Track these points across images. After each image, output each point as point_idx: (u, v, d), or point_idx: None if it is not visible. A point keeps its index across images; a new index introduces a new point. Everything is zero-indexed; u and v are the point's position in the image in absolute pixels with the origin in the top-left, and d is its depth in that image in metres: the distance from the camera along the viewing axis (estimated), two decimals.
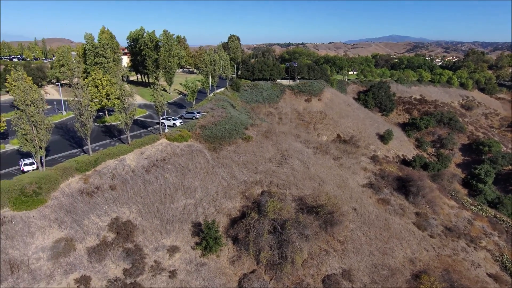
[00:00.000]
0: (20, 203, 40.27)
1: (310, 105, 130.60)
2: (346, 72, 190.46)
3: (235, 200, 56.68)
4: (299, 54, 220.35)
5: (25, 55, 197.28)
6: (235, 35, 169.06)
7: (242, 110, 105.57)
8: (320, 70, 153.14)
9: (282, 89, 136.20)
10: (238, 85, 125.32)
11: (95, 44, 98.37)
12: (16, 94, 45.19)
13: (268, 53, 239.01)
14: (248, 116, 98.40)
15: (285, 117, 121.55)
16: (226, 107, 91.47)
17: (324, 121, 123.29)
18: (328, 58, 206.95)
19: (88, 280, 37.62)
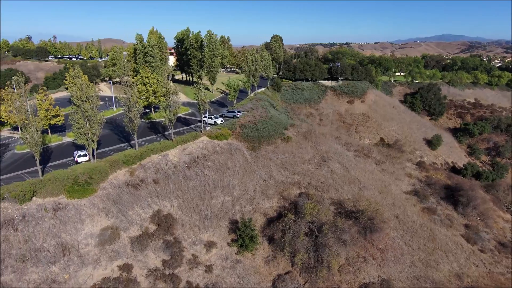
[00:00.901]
0: (73, 191, 43.47)
1: (352, 106, 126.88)
2: (392, 73, 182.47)
3: (272, 200, 56.63)
4: (342, 54, 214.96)
5: (83, 54, 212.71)
6: (277, 35, 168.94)
7: (282, 110, 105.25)
8: (365, 71, 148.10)
9: (323, 90, 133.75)
10: (279, 85, 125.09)
11: (144, 45, 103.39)
12: (73, 90, 48.85)
13: (311, 53, 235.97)
14: (288, 117, 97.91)
15: (326, 118, 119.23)
16: (266, 107, 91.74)
17: (367, 124, 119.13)
18: (374, 59, 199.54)
19: (130, 268, 39.63)
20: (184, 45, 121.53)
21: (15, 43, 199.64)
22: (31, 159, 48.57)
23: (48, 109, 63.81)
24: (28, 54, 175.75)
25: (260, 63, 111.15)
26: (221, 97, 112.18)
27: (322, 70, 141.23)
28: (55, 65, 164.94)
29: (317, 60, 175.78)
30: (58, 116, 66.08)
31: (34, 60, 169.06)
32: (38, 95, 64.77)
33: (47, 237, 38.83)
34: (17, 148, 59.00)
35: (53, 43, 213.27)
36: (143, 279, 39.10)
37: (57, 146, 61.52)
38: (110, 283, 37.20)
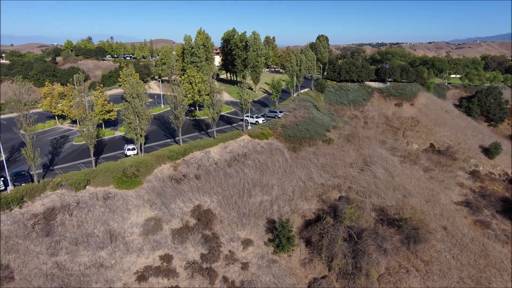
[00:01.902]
0: (122, 182, 46.32)
1: (400, 110, 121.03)
2: (446, 75, 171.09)
3: (311, 202, 55.87)
4: (392, 55, 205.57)
5: (136, 54, 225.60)
6: (323, 35, 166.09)
7: (325, 111, 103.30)
8: (415, 73, 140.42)
9: (370, 91, 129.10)
10: (322, 86, 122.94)
11: (192, 45, 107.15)
12: (125, 88, 52.05)
13: (358, 53, 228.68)
14: (331, 118, 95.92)
15: (371, 121, 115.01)
16: (309, 108, 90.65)
17: (415, 128, 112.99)
18: (426, 59, 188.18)
19: (171, 259, 41.34)
20: (229, 45, 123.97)
21: (78, 44, 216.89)
22: (87, 150, 52.50)
23: (103, 104, 68.52)
24: (88, 53, 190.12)
25: (304, 63, 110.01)
26: (264, 97, 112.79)
27: (369, 71, 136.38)
28: (111, 64, 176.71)
29: (364, 61, 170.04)
30: (112, 111, 70.71)
31: (93, 59, 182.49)
32: (95, 92, 69.81)
33: (97, 224, 41.80)
34: (75, 140, 64.12)
35: (110, 44, 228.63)
36: (182, 270, 40.59)
37: (109, 140, 65.94)
38: (151, 271, 39.11)
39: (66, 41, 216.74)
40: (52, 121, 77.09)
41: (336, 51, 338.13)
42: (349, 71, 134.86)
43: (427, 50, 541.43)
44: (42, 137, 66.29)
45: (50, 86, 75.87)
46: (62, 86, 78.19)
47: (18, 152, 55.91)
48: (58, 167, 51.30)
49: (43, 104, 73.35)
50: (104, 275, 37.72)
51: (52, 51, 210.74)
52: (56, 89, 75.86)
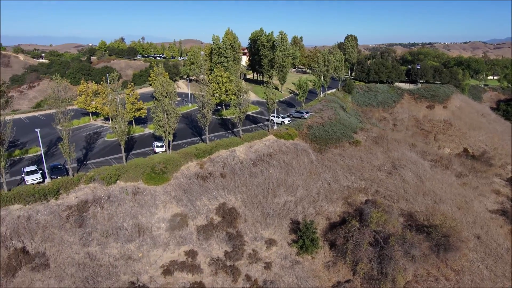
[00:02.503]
0: (150, 178, 47.72)
1: (432, 112, 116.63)
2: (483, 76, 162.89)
3: (336, 205, 55.05)
4: (424, 55, 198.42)
5: (165, 54, 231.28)
6: (352, 35, 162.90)
7: (353, 113, 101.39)
8: (449, 74, 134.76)
9: (400, 93, 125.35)
10: (350, 87, 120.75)
11: (220, 45, 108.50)
12: (156, 86, 53.59)
13: (388, 53, 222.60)
14: (358, 120, 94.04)
15: (401, 123, 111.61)
16: (335, 109, 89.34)
17: (448, 132, 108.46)
18: (461, 60, 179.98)
19: (195, 254, 42.14)
20: (256, 45, 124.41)
21: (111, 44, 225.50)
22: (118, 146, 54.51)
23: (134, 102, 70.86)
24: (121, 53, 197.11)
25: (332, 63, 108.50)
26: (290, 97, 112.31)
27: (399, 72, 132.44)
28: (142, 63, 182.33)
29: (394, 61, 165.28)
30: (142, 109, 72.97)
31: (125, 59, 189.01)
32: (127, 90, 72.35)
33: (126, 217, 43.34)
34: (107, 136, 66.75)
35: (141, 44, 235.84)
36: (206, 266, 41.26)
37: (139, 137, 68.10)
38: (176, 266, 40.04)
39: (100, 42, 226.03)
40: (86, 118, 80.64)
41: (365, 51, 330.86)
42: (378, 72, 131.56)
43: (462, 50, 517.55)
44: (77, 133, 69.50)
45: (85, 84, 79.41)
46: (96, 85, 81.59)
47: (55, 147, 58.96)
48: (91, 162, 53.63)
49: (78, 102, 76.88)
50: (132, 267, 39.05)
51: (87, 51, 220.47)
52: (90, 87, 79.28)
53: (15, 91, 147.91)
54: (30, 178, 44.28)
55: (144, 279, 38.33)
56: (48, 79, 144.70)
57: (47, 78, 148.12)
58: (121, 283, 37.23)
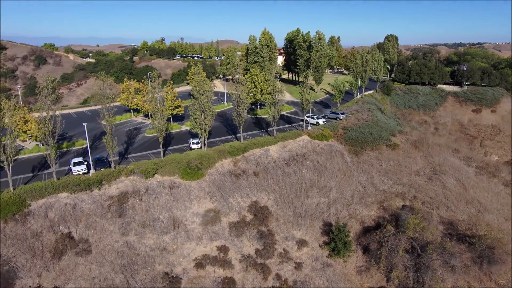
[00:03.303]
0: (186, 174, 49.20)
1: (479, 116, 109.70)
2: None
3: (371, 209, 53.49)
4: (471, 56, 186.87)
5: (203, 54, 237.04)
6: (393, 35, 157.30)
7: (391, 115, 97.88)
8: (499, 76, 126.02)
9: (443, 95, 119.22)
10: (389, 88, 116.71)
11: (256, 45, 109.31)
12: (193, 85, 55.13)
13: (431, 54, 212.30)
14: (397, 122, 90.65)
15: (443, 127, 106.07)
16: (373, 111, 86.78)
17: (496, 138, 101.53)
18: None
19: (227, 250, 42.84)
20: (292, 45, 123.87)
21: (152, 44, 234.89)
22: (156, 142, 56.70)
23: (172, 100, 73.33)
24: (161, 53, 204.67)
25: (370, 64, 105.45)
26: (326, 98, 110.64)
27: (442, 74, 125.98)
28: (181, 63, 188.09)
29: (437, 62, 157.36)
30: (180, 107, 75.35)
31: (164, 59, 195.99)
32: (166, 88, 75.05)
33: (162, 210, 45.01)
34: (147, 132, 69.66)
35: (181, 44, 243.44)
36: (236, 262, 41.82)
37: (176, 133, 70.40)
38: (208, 260, 40.94)
39: (142, 42, 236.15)
40: (128, 114, 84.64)
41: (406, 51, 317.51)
42: (420, 73, 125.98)
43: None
44: (119, 128, 73.15)
45: (127, 83, 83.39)
46: (137, 83, 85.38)
47: (99, 140, 62.49)
48: (131, 156, 56.27)
49: (121, 99, 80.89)
50: (166, 258, 40.50)
51: (130, 51, 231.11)
52: (132, 85, 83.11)
53: (65, 88, 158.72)
54: (77, 169, 47.40)
55: (177, 271, 39.59)
56: (94, 77, 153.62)
57: (93, 76, 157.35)
58: (156, 272, 38.73)
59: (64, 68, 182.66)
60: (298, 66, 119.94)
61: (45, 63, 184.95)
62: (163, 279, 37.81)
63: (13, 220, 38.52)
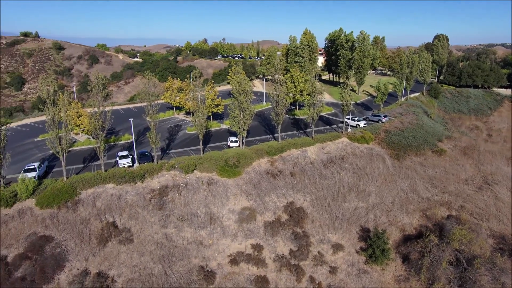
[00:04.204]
0: (223, 171, 50.14)
1: None
2: None
3: (413, 217, 51.02)
4: None
5: (244, 54, 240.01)
6: (443, 35, 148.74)
7: (438, 119, 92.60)
8: None
9: (498, 99, 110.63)
10: (437, 91, 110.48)
11: (297, 45, 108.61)
12: (233, 84, 56.02)
13: (486, 55, 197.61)
14: (444, 127, 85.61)
15: (497, 134, 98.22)
16: (418, 114, 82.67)
17: None
18: None
19: (261, 249, 43.05)
20: (334, 46, 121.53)
21: (195, 44, 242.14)
22: (196, 139, 58.34)
23: (213, 99, 75.06)
24: (203, 53, 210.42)
25: (417, 65, 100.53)
26: (367, 100, 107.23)
27: (499, 76, 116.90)
28: (222, 63, 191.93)
29: (493, 64, 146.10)
30: (220, 105, 76.94)
31: (206, 59, 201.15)
32: (207, 87, 76.95)
33: (200, 205, 46.25)
34: (188, 129, 71.96)
35: (222, 45, 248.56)
36: (270, 262, 41.88)
37: (215, 131, 71.97)
38: (243, 257, 41.40)
39: (186, 43, 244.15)
40: (170, 112, 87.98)
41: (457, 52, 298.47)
42: (472, 75, 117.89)
43: None
44: (162, 124, 76.26)
45: (171, 81, 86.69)
46: (180, 82, 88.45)
47: (143, 136, 65.57)
48: (172, 152, 58.44)
49: (165, 96, 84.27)
50: (202, 252, 41.57)
51: (174, 51, 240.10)
52: (175, 84, 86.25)
53: (114, 86, 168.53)
54: (123, 162, 50.17)
55: (212, 265, 40.49)
56: (141, 76, 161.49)
57: (140, 75, 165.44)
58: (192, 265, 39.89)
59: (114, 67, 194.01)
60: (339, 66, 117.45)
61: (98, 62, 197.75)
62: (198, 272, 38.86)
63: (65, 206, 41.62)
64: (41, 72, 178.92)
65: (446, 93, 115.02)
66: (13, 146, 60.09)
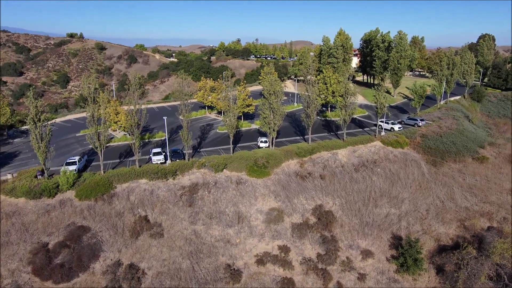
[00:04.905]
0: (252, 171, 50.38)
1: None
2: None
3: (449, 226, 48.47)
4: None
5: (276, 54, 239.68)
6: (489, 34, 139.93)
7: (481, 124, 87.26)
8: None
9: None
10: (480, 94, 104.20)
11: (330, 46, 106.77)
12: (264, 85, 56.12)
13: None
14: (487, 133, 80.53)
15: None
16: (458, 119, 78.37)
17: None
18: None
19: (288, 250, 42.78)
20: (369, 46, 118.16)
21: (229, 45, 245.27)
22: (227, 138, 59.06)
23: (244, 99, 75.61)
24: (236, 53, 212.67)
25: (458, 67, 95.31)
26: (403, 103, 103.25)
27: None
28: (254, 63, 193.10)
29: None
30: (251, 106, 77.35)
31: (239, 59, 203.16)
32: (239, 87, 77.68)
33: (228, 204, 46.79)
34: (219, 129, 73.04)
35: (255, 45, 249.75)
36: (297, 264, 41.51)
37: (246, 131, 72.47)
38: (269, 258, 41.38)
39: (219, 43, 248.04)
40: (202, 111, 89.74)
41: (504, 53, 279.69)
42: None
43: None
44: (194, 123, 77.96)
45: (204, 81, 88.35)
46: (213, 81, 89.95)
47: (176, 134, 67.38)
48: (203, 150, 59.58)
49: (197, 96, 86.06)
50: (229, 250, 42.02)
51: (208, 51, 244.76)
52: (208, 84, 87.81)
53: (150, 85, 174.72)
54: (156, 158, 51.88)
55: (239, 264, 40.80)
56: (176, 75, 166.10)
57: (175, 74, 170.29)
58: (219, 263, 40.45)
59: (151, 67, 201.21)
60: (374, 67, 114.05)
61: (136, 62, 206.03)
62: (225, 270, 39.32)
63: (102, 199, 43.73)
64: (84, 71, 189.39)
65: (490, 96, 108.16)
66: (57, 140, 64.02)
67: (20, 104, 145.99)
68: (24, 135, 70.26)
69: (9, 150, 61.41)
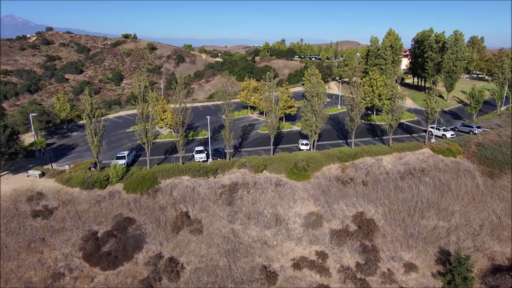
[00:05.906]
0: (292, 173, 49.96)
1: None
2: None
3: (506, 245, 44.36)
4: None
5: (321, 55, 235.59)
6: None
7: None
8: None
9: None
10: None
11: (378, 46, 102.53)
12: (307, 86, 55.32)
13: None
14: None
15: None
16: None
17: None
18: None
19: (326, 257, 41.85)
20: (422, 47, 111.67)
21: (273, 45, 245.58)
22: (267, 139, 59.15)
23: (286, 100, 75.19)
24: (280, 54, 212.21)
25: None
26: (458, 108, 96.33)
27: None
28: (298, 63, 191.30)
29: None
30: (293, 107, 76.70)
31: (283, 59, 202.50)
32: (282, 88, 77.42)
33: (267, 205, 46.84)
34: (260, 129, 73.40)
35: (300, 45, 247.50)
36: (334, 272, 40.47)
37: (287, 133, 72.08)
38: (306, 263, 40.80)
39: (264, 43, 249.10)
40: (245, 111, 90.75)
41: None
42: None
43: None
44: (236, 123, 79.03)
45: (247, 81, 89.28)
46: (256, 82, 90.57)
47: (218, 133, 68.84)
48: (244, 150, 60.20)
49: (240, 96, 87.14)
50: (266, 252, 42.07)
51: (253, 51, 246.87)
52: (251, 84, 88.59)
53: (196, 84, 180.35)
54: (198, 156, 53.38)
55: (275, 267, 40.70)
56: (220, 75, 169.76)
57: (220, 74, 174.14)
58: (255, 264, 40.66)
59: (197, 66, 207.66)
60: (426, 70, 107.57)
61: (183, 61, 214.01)
62: (261, 271, 39.43)
63: (147, 193, 45.92)
64: (136, 69, 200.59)
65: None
66: (109, 135, 68.34)
67: (79, 100, 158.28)
68: (81, 129, 75.97)
69: (67, 143, 66.75)
